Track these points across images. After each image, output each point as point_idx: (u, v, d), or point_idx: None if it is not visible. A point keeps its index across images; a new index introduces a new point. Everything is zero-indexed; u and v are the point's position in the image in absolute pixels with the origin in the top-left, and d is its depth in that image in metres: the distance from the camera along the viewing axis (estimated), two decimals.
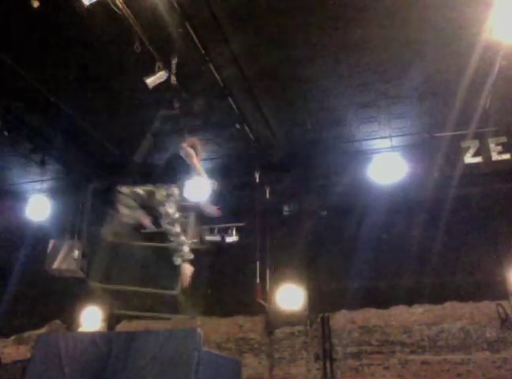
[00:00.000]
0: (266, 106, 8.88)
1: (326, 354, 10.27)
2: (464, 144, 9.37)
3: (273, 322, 10.67)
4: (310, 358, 10.30)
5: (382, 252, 10.54)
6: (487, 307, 9.82)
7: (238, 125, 8.96)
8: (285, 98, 8.72)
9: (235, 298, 11.03)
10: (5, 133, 9.01)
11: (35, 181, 11.50)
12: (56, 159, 10.42)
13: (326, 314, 10.64)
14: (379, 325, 10.28)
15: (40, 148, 9.97)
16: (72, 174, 11.10)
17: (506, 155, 9.13)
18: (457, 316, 9.95)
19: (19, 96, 8.49)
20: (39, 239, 11.52)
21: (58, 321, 12.26)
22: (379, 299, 10.41)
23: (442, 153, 9.70)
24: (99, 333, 9.46)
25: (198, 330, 6.86)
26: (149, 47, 6.66)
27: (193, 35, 6.78)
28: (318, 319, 10.65)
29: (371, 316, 10.41)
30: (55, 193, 11.56)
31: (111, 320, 11.76)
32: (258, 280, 10.16)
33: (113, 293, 9.61)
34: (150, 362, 6.63)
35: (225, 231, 11.19)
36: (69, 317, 11.96)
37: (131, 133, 8.90)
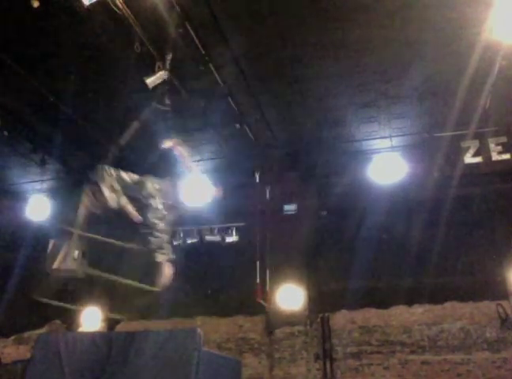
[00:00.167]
0: (266, 106, 8.88)
1: (326, 354, 10.25)
2: (464, 144, 9.39)
3: (273, 322, 10.65)
4: (310, 358, 10.28)
5: (382, 252, 10.52)
6: (487, 307, 9.81)
7: (238, 125, 8.96)
8: (285, 98, 8.72)
9: (235, 298, 11.00)
10: (5, 133, 9.02)
11: (35, 181, 11.51)
12: (56, 159, 10.44)
13: (326, 314, 10.63)
14: (379, 325, 10.27)
15: (40, 148, 9.99)
16: (72, 174, 11.09)
17: (506, 155, 9.15)
18: (457, 316, 9.94)
19: (19, 96, 8.50)
20: (39, 239, 11.51)
21: (58, 321, 12.23)
22: (379, 299, 10.39)
23: (442, 153, 9.72)
24: (99, 333, 9.46)
25: (198, 330, 6.87)
26: (149, 47, 6.66)
27: (193, 35, 6.79)
28: (318, 319, 10.64)
29: (371, 316, 10.39)
30: (55, 193, 11.56)
31: (111, 321, 11.75)
32: (258, 280, 10.14)
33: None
34: (150, 362, 6.63)
35: (225, 231, 11.20)
36: (69, 317, 11.93)
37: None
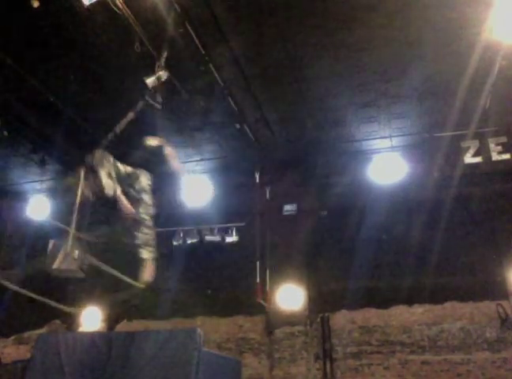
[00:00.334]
0: (266, 106, 8.88)
1: (326, 354, 10.25)
2: (464, 144, 9.39)
3: (273, 322, 10.64)
4: (310, 358, 10.27)
5: (382, 252, 10.52)
6: (487, 307, 9.80)
7: (238, 125, 8.96)
8: (285, 98, 8.72)
9: (235, 298, 11.00)
10: (5, 133, 9.02)
11: (35, 181, 11.51)
12: (56, 159, 10.43)
13: (326, 314, 10.62)
14: (379, 325, 10.27)
15: (40, 148, 9.99)
16: (72, 174, 11.08)
17: (506, 155, 9.16)
18: (457, 316, 9.93)
19: (19, 96, 8.50)
20: (39, 239, 11.51)
21: (58, 321, 12.23)
22: (379, 299, 10.39)
23: (442, 153, 9.72)
24: (99, 333, 9.45)
25: (198, 330, 6.88)
26: (149, 47, 6.66)
27: (193, 35, 6.79)
28: (318, 319, 10.63)
29: (371, 316, 10.39)
30: (55, 193, 11.56)
31: (111, 321, 11.75)
32: (258, 280, 10.15)
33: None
34: (150, 362, 6.64)
35: (225, 231, 11.19)
36: (69, 317, 11.93)
37: (131, 133, 8.88)
